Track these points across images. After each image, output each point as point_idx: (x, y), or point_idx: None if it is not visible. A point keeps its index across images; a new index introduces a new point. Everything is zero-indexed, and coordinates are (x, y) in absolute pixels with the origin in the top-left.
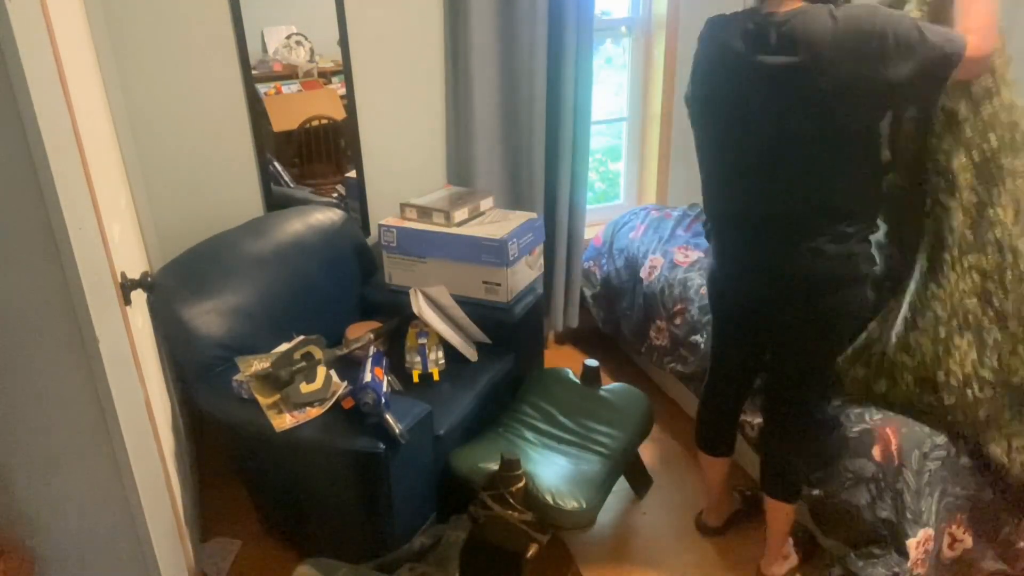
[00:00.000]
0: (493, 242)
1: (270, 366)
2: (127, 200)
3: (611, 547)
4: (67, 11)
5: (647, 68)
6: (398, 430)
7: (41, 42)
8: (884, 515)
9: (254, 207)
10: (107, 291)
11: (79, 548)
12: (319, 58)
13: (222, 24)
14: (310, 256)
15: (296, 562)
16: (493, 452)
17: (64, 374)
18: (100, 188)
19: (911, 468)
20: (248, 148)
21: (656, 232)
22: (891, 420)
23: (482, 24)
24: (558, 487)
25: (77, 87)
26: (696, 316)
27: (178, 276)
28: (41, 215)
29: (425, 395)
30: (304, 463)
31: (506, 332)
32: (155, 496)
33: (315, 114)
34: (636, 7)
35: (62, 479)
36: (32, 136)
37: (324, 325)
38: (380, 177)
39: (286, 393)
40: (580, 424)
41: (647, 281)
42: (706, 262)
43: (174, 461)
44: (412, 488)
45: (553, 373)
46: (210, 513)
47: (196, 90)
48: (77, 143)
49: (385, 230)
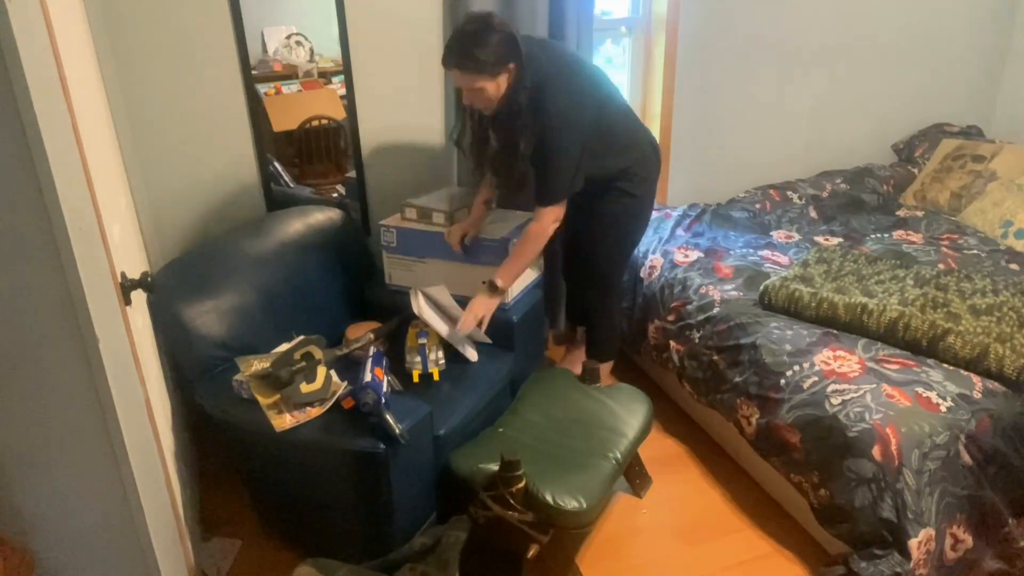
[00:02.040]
0: (493, 242)
1: (270, 366)
2: (127, 200)
3: (611, 547)
4: (67, 11)
5: (647, 68)
6: (398, 430)
7: (41, 42)
8: (885, 515)
9: (254, 207)
10: (107, 291)
11: (79, 548)
12: (319, 58)
13: (222, 24)
14: (310, 256)
15: (296, 562)
16: (493, 452)
17: (64, 374)
18: (100, 188)
19: (911, 468)
20: (248, 148)
21: (656, 232)
22: (891, 420)
23: None
24: (558, 487)
25: (77, 87)
26: (696, 316)
27: (178, 276)
28: (41, 215)
29: (425, 395)
30: (304, 463)
31: (506, 332)
32: (155, 496)
33: (315, 114)
34: (636, 7)
35: (62, 479)
36: (32, 136)
37: (324, 325)
38: (380, 177)
39: (286, 393)
40: (580, 424)
41: (647, 281)
42: (705, 262)
43: (174, 461)
44: (412, 488)
45: (553, 373)
46: (210, 513)
47: (196, 90)
48: (77, 143)
49: (385, 230)
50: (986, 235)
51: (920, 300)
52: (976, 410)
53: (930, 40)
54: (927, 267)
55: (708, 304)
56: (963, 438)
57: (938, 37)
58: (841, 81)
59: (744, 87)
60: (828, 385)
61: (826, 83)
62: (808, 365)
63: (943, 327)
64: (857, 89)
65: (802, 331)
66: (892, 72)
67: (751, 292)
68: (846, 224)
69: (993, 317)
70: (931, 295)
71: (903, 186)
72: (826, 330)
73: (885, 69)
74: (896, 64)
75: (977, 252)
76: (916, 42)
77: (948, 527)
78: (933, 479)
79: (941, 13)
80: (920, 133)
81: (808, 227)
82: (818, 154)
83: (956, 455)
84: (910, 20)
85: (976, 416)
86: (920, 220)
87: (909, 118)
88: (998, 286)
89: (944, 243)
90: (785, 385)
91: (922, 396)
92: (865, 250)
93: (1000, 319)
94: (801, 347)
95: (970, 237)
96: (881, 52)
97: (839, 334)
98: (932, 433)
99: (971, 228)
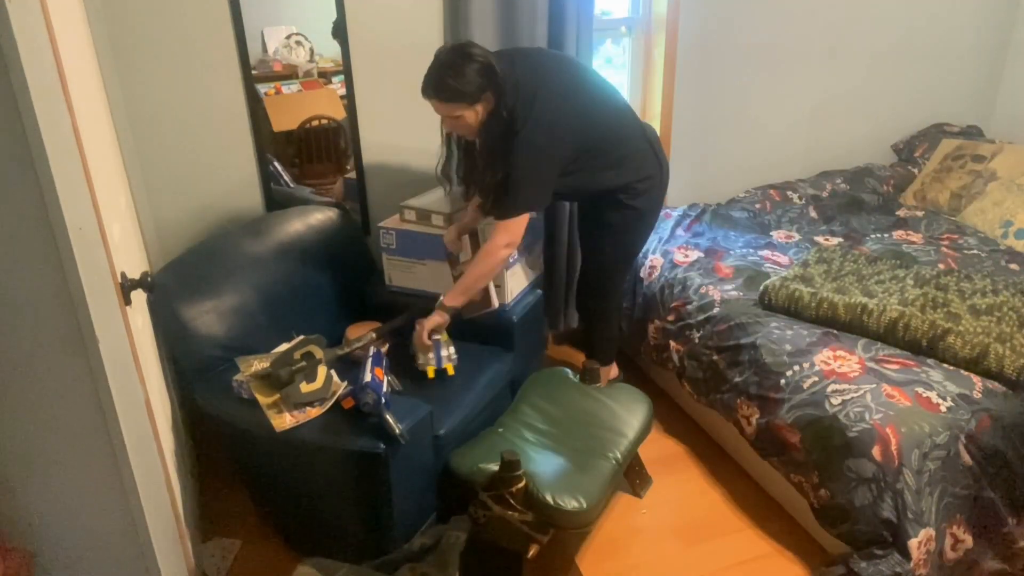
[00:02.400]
0: None
1: (270, 366)
2: (127, 200)
3: (611, 547)
4: (67, 11)
5: (647, 68)
6: (398, 430)
7: (41, 42)
8: (885, 515)
9: (254, 207)
10: (107, 291)
11: (79, 548)
12: (319, 58)
13: (222, 24)
14: (310, 256)
15: (296, 562)
16: (493, 452)
17: (64, 374)
18: (100, 188)
19: (911, 468)
20: (248, 148)
21: (656, 232)
22: (891, 420)
23: (482, 24)
24: (558, 487)
25: (77, 87)
26: (696, 316)
27: (178, 276)
28: (41, 215)
29: (425, 395)
30: (304, 463)
31: (506, 332)
32: (155, 496)
33: (315, 114)
34: (636, 7)
35: (62, 479)
36: (32, 136)
37: (324, 325)
38: (380, 177)
39: (286, 393)
40: (580, 424)
41: (647, 281)
42: (705, 262)
43: (174, 461)
44: (412, 488)
45: (553, 373)
46: (210, 513)
47: (196, 90)
48: (77, 143)
49: (384, 232)
50: (986, 235)
51: (920, 300)
52: (976, 410)
53: (930, 40)
54: (927, 267)
55: (708, 304)
56: (963, 438)
57: (938, 37)
58: (841, 81)
59: (744, 87)
60: (828, 385)
61: (826, 83)
62: (808, 365)
63: (943, 327)
64: (857, 89)
65: (802, 331)
66: (892, 72)
67: (751, 292)
68: (846, 224)
69: (993, 317)
70: (931, 295)
71: (903, 186)
72: (826, 330)
73: (885, 69)
74: (896, 64)
75: (977, 252)
76: (916, 42)
77: (948, 527)
78: (933, 479)
79: (941, 13)
80: (920, 133)
81: (808, 227)
82: (818, 154)
83: (956, 455)
84: (910, 20)
85: (976, 416)
86: (920, 220)
87: (909, 118)
88: (998, 286)
89: (944, 243)
90: (785, 385)
91: (922, 396)
92: (865, 250)
93: (1000, 319)
94: (801, 347)
95: (970, 237)
96: (881, 52)
97: (839, 334)
98: (932, 433)
99: (971, 228)
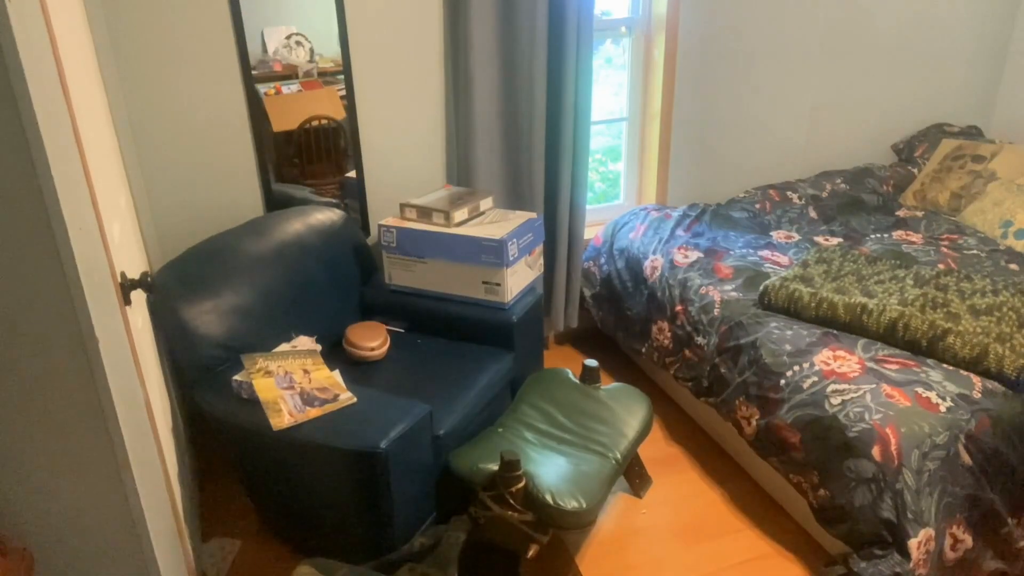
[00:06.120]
0: (493, 242)
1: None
2: (127, 200)
3: (611, 547)
4: (67, 12)
5: (647, 68)
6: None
7: (41, 43)
8: (885, 515)
9: (254, 207)
10: (107, 291)
11: (79, 548)
12: (319, 58)
13: (222, 24)
14: (310, 256)
15: (296, 562)
16: (493, 452)
17: (64, 374)
18: (100, 188)
19: (911, 468)
20: (248, 148)
21: (656, 233)
22: (891, 420)
23: (482, 24)
24: (558, 487)
25: (77, 88)
26: (696, 316)
27: (178, 276)
28: (41, 215)
29: (425, 395)
30: (304, 463)
31: (506, 332)
32: (155, 496)
33: (315, 114)
34: (636, 7)
35: (61, 479)
36: (32, 137)
37: (324, 325)
38: (380, 177)
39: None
40: (580, 424)
41: (649, 281)
42: (705, 262)
43: (174, 461)
44: (412, 488)
45: (553, 373)
46: (210, 513)
47: (196, 90)
48: (77, 144)
49: (385, 230)
50: (986, 235)
51: (920, 300)
52: (976, 410)
53: (930, 40)
54: (927, 267)
55: (708, 304)
56: (963, 438)
57: (938, 37)
58: (841, 81)
59: (744, 87)
60: (828, 385)
61: (826, 83)
62: (808, 365)
63: (943, 327)
64: (857, 89)
65: (802, 331)
66: (892, 72)
67: (751, 292)
68: (846, 224)
69: (993, 317)
70: (931, 295)
71: (903, 186)
72: (826, 330)
73: (885, 69)
74: (896, 64)
75: (977, 252)
76: (916, 42)
77: (948, 527)
78: (933, 479)
79: (941, 13)
80: (920, 133)
81: (808, 227)
82: (818, 154)
83: (956, 455)
84: (910, 20)
85: (976, 416)
86: (920, 220)
87: (909, 118)
88: (998, 286)
89: (944, 243)
90: (785, 385)
91: (922, 396)
92: (865, 250)
93: (1000, 319)
94: (801, 347)
95: (970, 237)
96: (881, 52)
97: (839, 334)
98: (932, 433)
99: (971, 228)
